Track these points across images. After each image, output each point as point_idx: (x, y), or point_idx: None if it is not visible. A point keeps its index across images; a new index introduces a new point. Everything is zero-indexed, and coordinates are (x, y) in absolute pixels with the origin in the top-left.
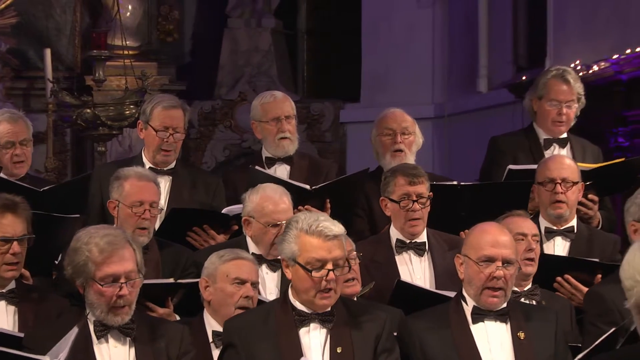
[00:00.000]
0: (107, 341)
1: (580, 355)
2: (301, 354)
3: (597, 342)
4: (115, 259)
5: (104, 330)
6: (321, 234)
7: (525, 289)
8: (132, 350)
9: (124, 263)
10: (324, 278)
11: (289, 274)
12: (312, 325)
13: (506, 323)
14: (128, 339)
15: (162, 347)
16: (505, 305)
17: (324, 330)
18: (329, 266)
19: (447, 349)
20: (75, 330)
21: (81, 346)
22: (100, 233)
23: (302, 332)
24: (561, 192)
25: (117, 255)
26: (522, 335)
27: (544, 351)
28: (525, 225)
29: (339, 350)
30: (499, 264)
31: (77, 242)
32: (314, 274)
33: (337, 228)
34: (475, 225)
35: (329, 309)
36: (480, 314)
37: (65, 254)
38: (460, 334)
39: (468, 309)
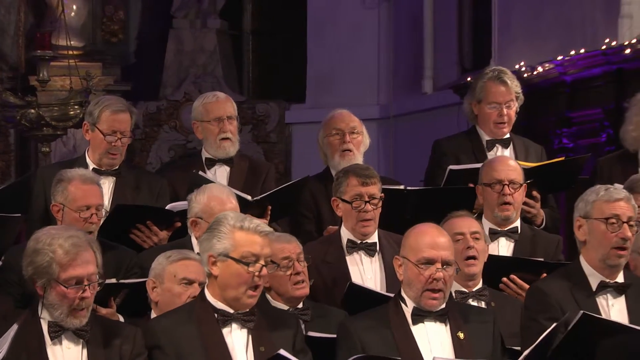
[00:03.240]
0: (60, 342)
1: (525, 352)
2: (228, 354)
3: (539, 339)
4: (79, 262)
5: (58, 332)
6: (256, 230)
7: (474, 289)
8: (85, 351)
9: (87, 266)
10: (257, 274)
11: (215, 270)
12: (234, 325)
13: (445, 323)
14: (81, 340)
15: (115, 349)
16: (444, 305)
17: (245, 330)
18: (262, 262)
19: (389, 349)
20: (14, 327)
21: (34, 347)
22: (63, 234)
23: (225, 332)
24: (509, 194)
25: (81, 258)
26: (461, 335)
27: (482, 350)
28: (464, 224)
29: (262, 349)
30: (439, 265)
31: (38, 243)
32: (250, 267)
33: (268, 228)
34: (413, 227)
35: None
36: (420, 315)
37: (23, 255)
38: (401, 335)
39: (408, 310)
